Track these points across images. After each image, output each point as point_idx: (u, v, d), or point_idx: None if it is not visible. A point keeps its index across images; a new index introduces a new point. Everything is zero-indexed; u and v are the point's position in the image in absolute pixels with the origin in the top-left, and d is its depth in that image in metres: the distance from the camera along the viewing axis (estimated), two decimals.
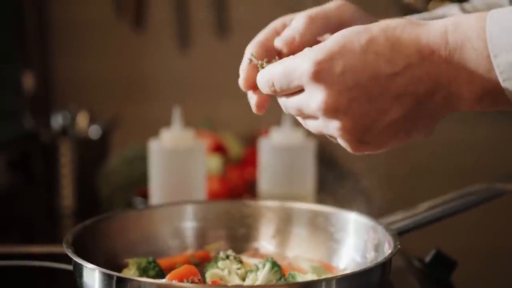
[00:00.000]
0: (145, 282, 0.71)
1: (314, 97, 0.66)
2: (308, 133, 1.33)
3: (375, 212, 1.34)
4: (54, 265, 0.86)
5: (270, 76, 0.69)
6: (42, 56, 2.04)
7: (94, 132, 1.58)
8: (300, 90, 0.67)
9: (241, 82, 0.77)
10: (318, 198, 1.31)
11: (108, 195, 1.51)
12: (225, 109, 2.08)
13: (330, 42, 0.65)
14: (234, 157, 1.60)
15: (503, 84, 0.61)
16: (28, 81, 1.90)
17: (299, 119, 0.72)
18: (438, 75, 0.63)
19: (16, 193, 1.62)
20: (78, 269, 0.76)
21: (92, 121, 1.60)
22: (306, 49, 0.67)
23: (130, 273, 0.85)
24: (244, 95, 0.92)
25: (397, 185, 2.13)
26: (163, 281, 0.74)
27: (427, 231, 1.02)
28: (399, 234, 0.91)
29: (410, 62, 0.63)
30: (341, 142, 0.68)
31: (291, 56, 0.69)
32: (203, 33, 2.06)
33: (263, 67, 0.74)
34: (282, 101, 0.71)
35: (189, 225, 0.97)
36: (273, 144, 1.27)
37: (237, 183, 1.47)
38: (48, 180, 1.53)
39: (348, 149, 0.69)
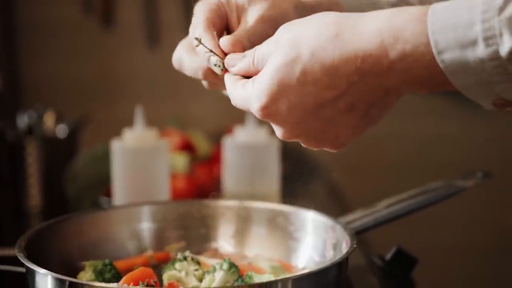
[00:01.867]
0: (97, 287, 0.71)
1: (274, 129, 0.69)
2: (273, 131, 1.33)
3: (340, 209, 1.35)
4: (8, 268, 0.85)
5: (232, 100, 0.71)
6: (8, 56, 2.02)
7: (61, 131, 1.57)
8: None
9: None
10: (283, 196, 1.31)
11: (76, 194, 1.50)
12: (195, 107, 2.07)
13: (269, 80, 0.65)
14: (202, 155, 1.60)
15: (449, 77, 0.61)
16: None
17: None
18: (385, 83, 0.63)
19: None
20: (30, 274, 0.75)
21: (59, 120, 1.59)
22: (250, 84, 0.68)
23: (86, 276, 0.84)
24: (214, 94, 0.92)
25: (365, 181, 2.14)
26: (114, 285, 0.73)
27: (389, 228, 1.02)
28: (359, 232, 0.92)
29: (351, 81, 0.63)
30: None
31: (243, 87, 0.69)
32: (172, 32, 2.05)
33: (220, 68, 0.73)
34: None
35: (148, 226, 0.96)
36: (237, 143, 1.27)
37: (205, 181, 1.47)
38: (15, 180, 1.52)
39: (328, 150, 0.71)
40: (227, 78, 0.73)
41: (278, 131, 0.68)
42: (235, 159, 1.26)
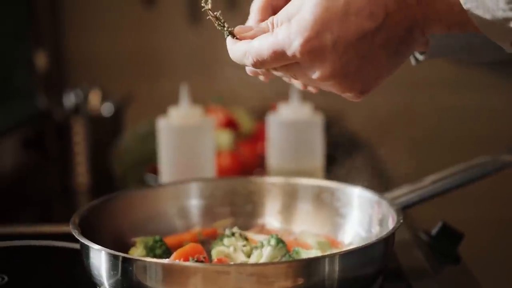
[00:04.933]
0: (150, 262, 0.72)
1: (310, 70, 0.69)
2: (316, 107, 1.33)
3: (386, 184, 1.35)
4: (62, 245, 0.87)
5: (256, 53, 0.70)
6: (54, 34, 2.04)
7: (107, 109, 1.59)
8: (294, 63, 0.69)
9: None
10: (327, 172, 1.31)
11: (122, 172, 1.52)
12: (238, 83, 2.07)
13: (310, 15, 0.66)
14: (246, 132, 1.60)
15: (468, 14, 0.65)
16: (41, 59, 1.91)
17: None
18: (413, 16, 0.67)
19: (32, 172, 1.64)
20: (85, 250, 0.77)
21: (104, 98, 1.61)
22: (285, 25, 0.68)
23: (137, 251, 0.86)
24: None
25: (409, 155, 2.12)
26: (166, 261, 0.75)
27: (434, 203, 1.02)
28: (405, 208, 0.92)
29: (388, 11, 0.66)
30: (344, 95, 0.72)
31: (273, 33, 0.69)
32: (213, 6, 2.04)
33: (229, 32, 0.74)
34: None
35: (195, 203, 0.98)
36: (281, 119, 1.28)
37: (249, 158, 1.48)
38: (62, 159, 1.55)
39: (351, 99, 0.73)
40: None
41: (319, 69, 0.68)
42: (279, 136, 1.27)
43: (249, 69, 0.78)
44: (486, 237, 2.05)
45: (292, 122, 1.27)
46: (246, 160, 1.46)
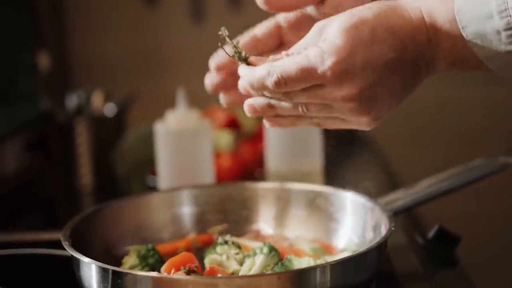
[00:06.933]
0: (140, 276, 0.73)
1: (336, 90, 0.70)
2: None
3: (386, 182, 1.34)
4: (61, 253, 0.86)
5: (282, 71, 0.70)
6: (56, 36, 2.05)
7: (110, 110, 1.59)
8: (317, 85, 0.71)
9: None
10: (327, 173, 1.31)
11: (125, 172, 1.53)
12: None
13: (340, 39, 0.69)
14: (248, 132, 1.60)
15: (473, 49, 0.69)
16: (43, 61, 1.92)
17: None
18: (424, 53, 0.71)
19: (36, 174, 1.65)
20: (76, 262, 0.78)
21: (107, 99, 1.62)
22: (314, 47, 0.70)
23: (130, 260, 0.86)
24: None
25: (413, 148, 2.12)
26: (155, 274, 0.75)
27: (431, 205, 1.02)
28: (399, 213, 0.92)
29: (405, 46, 0.70)
30: (356, 123, 0.75)
31: (298, 54, 0.71)
32: (216, 7, 2.05)
33: (245, 60, 0.74)
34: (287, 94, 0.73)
35: (190, 210, 0.98)
36: None
37: (250, 159, 1.48)
38: (66, 160, 1.56)
39: (361, 127, 0.75)
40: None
41: (346, 89, 0.70)
42: (278, 137, 1.26)
43: (253, 104, 0.77)
44: (487, 233, 2.02)
45: None
46: (247, 161, 1.46)
